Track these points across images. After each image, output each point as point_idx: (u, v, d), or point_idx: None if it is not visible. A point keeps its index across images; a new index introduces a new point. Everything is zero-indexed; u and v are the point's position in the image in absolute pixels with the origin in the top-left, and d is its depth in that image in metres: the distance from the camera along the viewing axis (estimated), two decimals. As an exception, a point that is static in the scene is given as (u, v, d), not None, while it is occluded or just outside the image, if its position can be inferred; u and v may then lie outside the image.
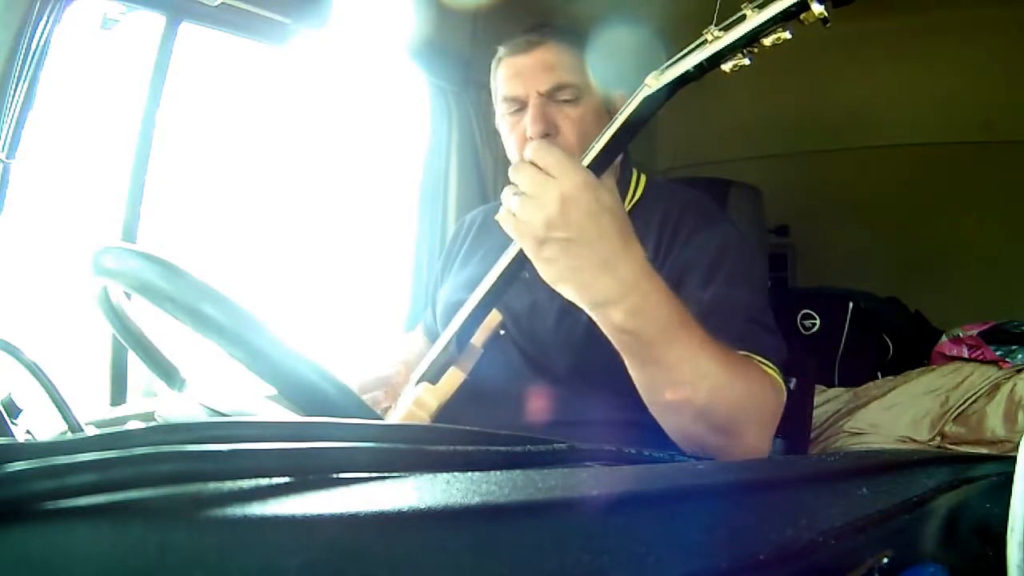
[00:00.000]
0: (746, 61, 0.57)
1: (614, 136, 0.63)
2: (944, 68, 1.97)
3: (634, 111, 0.62)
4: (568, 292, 0.61)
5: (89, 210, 1.19)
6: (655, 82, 0.61)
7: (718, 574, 0.25)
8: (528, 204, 0.58)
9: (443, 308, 0.96)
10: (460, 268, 1.01)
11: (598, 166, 0.62)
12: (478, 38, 1.57)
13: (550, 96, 0.83)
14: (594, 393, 0.81)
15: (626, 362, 0.65)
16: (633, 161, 0.96)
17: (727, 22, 0.56)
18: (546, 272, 0.60)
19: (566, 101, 0.83)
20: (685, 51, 0.59)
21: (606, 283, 0.59)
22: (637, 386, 0.66)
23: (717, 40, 0.57)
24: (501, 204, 0.80)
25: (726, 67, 0.58)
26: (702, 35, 0.58)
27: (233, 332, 0.41)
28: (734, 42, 0.56)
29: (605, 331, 0.63)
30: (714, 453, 0.67)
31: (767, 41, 0.56)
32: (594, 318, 0.62)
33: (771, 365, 0.72)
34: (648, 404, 0.67)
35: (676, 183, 1.13)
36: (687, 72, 0.59)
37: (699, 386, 0.63)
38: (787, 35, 0.55)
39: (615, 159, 0.64)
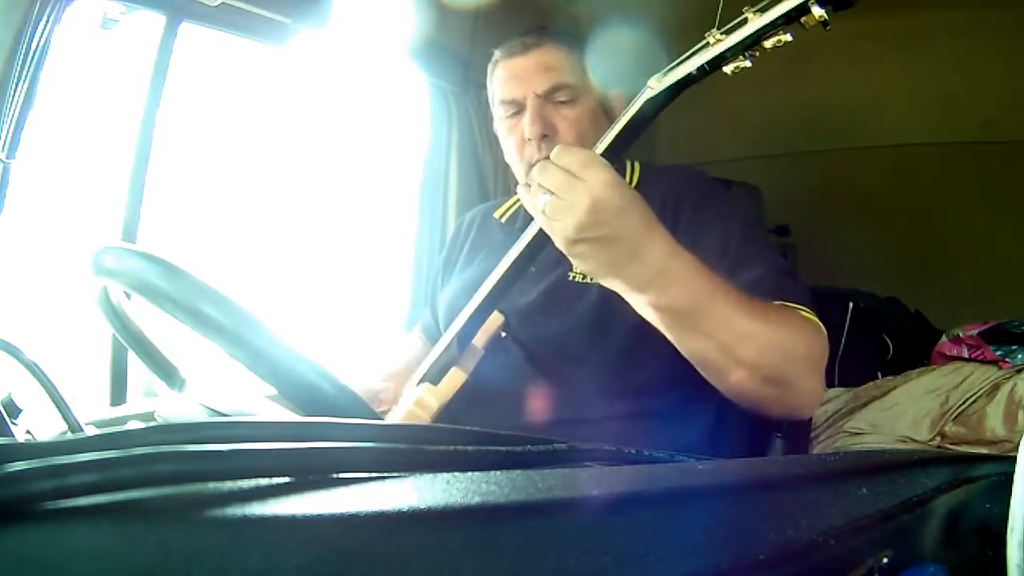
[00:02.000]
0: (747, 64, 0.58)
1: (617, 137, 0.63)
2: (944, 68, 1.97)
3: (636, 113, 0.62)
4: (603, 281, 0.64)
5: (89, 210, 1.19)
6: (658, 84, 0.61)
7: (718, 574, 0.25)
8: (559, 207, 0.60)
9: (445, 309, 0.96)
10: (462, 269, 1.01)
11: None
12: (478, 38, 1.57)
13: (547, 97, 0.83)
14: (598, 389, 0.81)
15: (668, 337, 0.67)
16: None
17: (729, 25, 0.57)
18: (580, 265, 0.63)
19: (563, 102, 0.84)
20: (687, 54, 0.60)
21: (638, 270, 0.61)
22: (687, 357, 0.68)
23: (719, 43, 0.57)
24: (500, 203, 0.81)
25: (727, 69, 0.59)
26: (704, 38, 0.58)
27: (233, 332, 0.41)
28: (736, 45, 0.57)
29: (640, 312, 0.65)
30: (773, 405, 0.69)
31: (768, 44, 0.56)
32: (629, 301, 0.65)
33: (807, 309, 0.73)
34: (701, 371, 0.69)
35: (669, 165, 1.13)
36: (689, 75, 0.60)
37: (744, 345, 0.65)
38: (788, 37, 0.55)
39: (618, 160, 0.65)
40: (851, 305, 2.02)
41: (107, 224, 1.11)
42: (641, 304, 0.64)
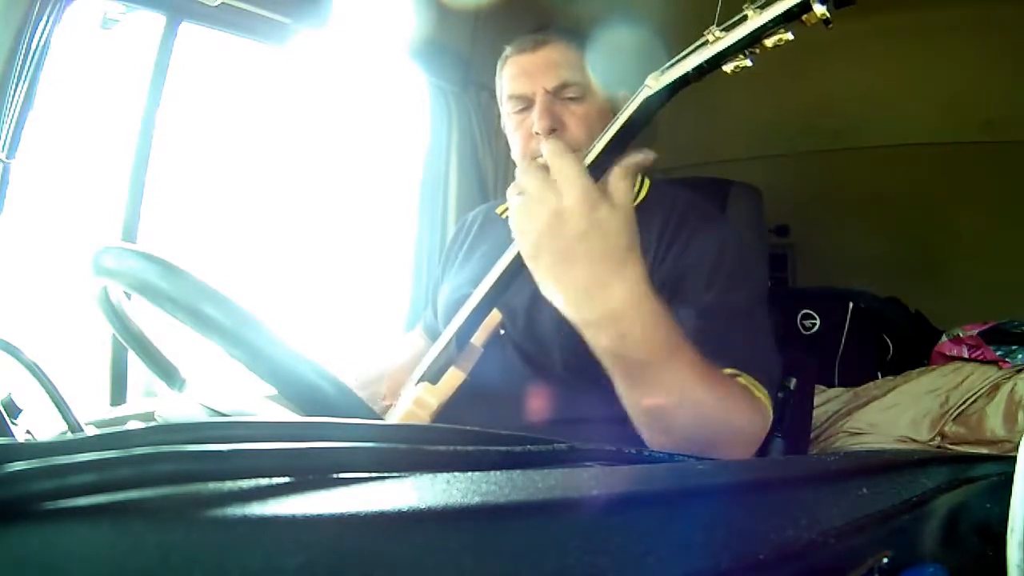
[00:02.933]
0: (748, 62, 0.57)
1: (615, 136, 0.63)
2: (944, 68, 1.97)
3: (635, 111, 0.62)
4: (557, 305, 0.60)
5: (89, 210, 1.19)
6: (655, 83, 0.61)
7: (718, 574, 0.25)
8: (524, 211, 0.57)
9: (444, 307, 0.96)
10: (460, 266, 1.02)
11: (599, 166, 0.61)
12: (478, 38, 1.57)
13: (556, 93, 0.84)
14: (594, 390, 0.81)
15: (612, 377, 0.63)
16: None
17: (729, 23, 0.56)
18: (537, 279, 0.60)
19: (572, 99, 0.84)
20: (686, 52, 0.59)
21: (592, 306, 0.58)
22: (620, 397, 0.65)
23: (719, 41, 0.57)
24: (503, 201, 0.79)
25: (727, 68, 0.58)
26: (703, 36, 0.58)
27: (233, 332, 0.41)
28: (735, 43, 0.56)
29: (593, 348, 0.62)
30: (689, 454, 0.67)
31: (769, 42, 0.56)
32: (582, 334, 0.61)
33: (760, 387, 0.71)
34: (630, 415, 0.66)
35: (678, 185, 1.13)
36: (688, 73, 0.59)
37: (682, 410, 0.62)
38: (789, 36, 0.55)
39: (616, 159, 0.64)
40: (851, 305, 2.02)
41: (107, 224, 1.12)
42: (592, 341, 0.60)
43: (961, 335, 1.81)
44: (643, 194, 0.92)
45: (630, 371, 0.61)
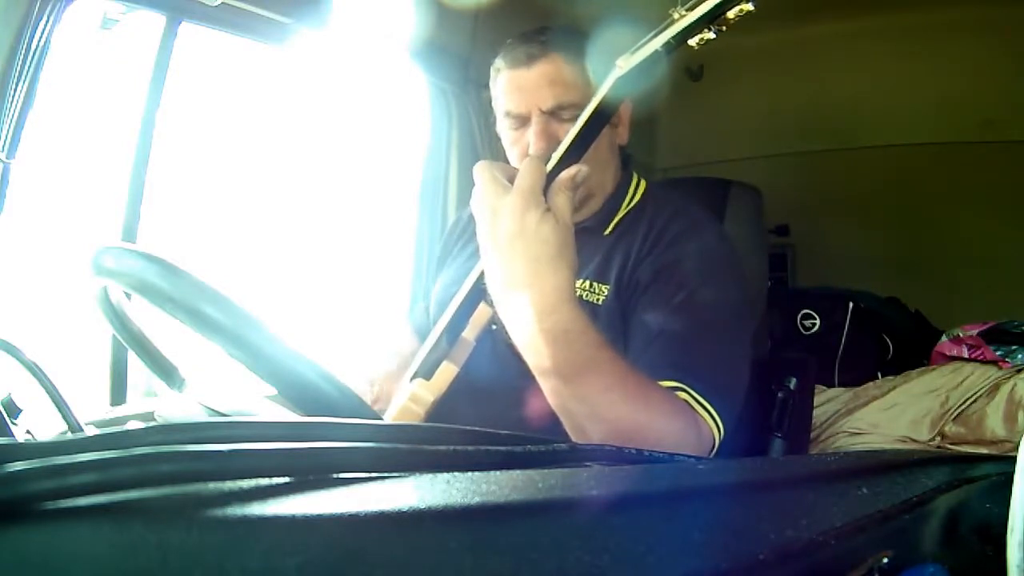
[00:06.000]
0: (711, 35, 0.58)
1: (588, 120, 0.63)
2: (944, 68, 1.97)
3: (607, 94, 0.63)
4: (491, 292, 0.64)
5: (89, 210, 1.19)
6: (626, 63, 0.61)
7: (718, 574, 0.25)
8: (475, 200, 0.62)
9: (437, 302, 0.97)
10: (454, 262, 1.02)
11: (574, 151, 0.63)
12: (478, 38, 1.57)
13: (552, 114, 0.82)
14: None
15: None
16: (635, 164, 0.96)
17: (693, 1, 0.57)
18: (484, 264, 0.64)
19: (569, 119, 0.82)
20: (654, 32, 0.60)
21: (511, 302, 0.61)
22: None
23: (683, 18, 0.58)
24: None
25: (692, 42, 0.59)
26: (669, 14, 0.59)
27: (233, 332, 0.41)
28: (699, 18, 0.57)
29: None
30: None
31: (731, 14, 0.57)
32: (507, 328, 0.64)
33: (706, 403, 0.69)
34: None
35: (675, 189, 1.12)
36: (657, 51, 0.60)
37: (600, 424, 0.62)
38: (750, 7, 0.56)
39: (590, 143, 0.65)
40: (851, 305, 2.02)
41: (107, 224, 1.12)
42: (514, 340, 0.63)
43: (961, 335, 1.81)
44: (637, 197, 0.91)
45: (545, 378, 0.63)
